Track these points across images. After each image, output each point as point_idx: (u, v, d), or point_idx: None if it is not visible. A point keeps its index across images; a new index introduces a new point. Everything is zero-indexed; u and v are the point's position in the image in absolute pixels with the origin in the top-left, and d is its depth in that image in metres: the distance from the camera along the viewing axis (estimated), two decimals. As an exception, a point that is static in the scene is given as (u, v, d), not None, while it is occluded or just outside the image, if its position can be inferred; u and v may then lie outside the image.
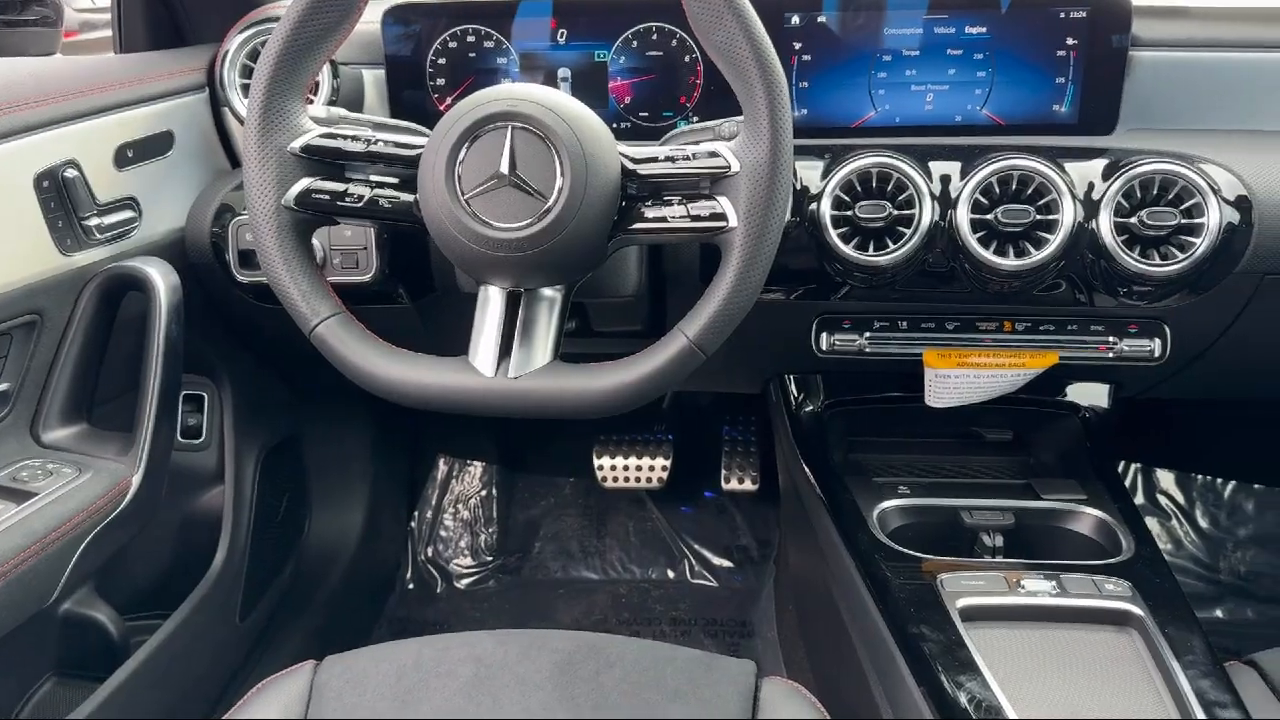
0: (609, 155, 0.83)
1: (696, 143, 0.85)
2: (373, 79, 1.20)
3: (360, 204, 0.86)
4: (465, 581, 1.92)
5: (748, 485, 1.87)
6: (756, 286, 0.83)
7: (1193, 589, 1.82)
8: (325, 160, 0.86)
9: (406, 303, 1.17)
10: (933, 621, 0.93)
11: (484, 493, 2.00)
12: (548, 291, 0.87)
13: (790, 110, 0.80)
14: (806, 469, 1.26)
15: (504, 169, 0.81)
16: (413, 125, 0.93)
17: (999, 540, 1.10)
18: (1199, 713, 0.82)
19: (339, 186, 0.86)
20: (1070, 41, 1.06)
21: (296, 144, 0.85)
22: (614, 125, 1.14)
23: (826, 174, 1.05)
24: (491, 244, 0.82)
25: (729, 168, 0.82)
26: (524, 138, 0.81)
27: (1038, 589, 0.96)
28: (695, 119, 1.12)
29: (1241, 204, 1.01)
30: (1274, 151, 1.05)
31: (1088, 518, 1.13)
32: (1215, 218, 0.99)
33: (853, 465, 1.28)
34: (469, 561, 1.94)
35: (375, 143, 0.87)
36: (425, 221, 0.85)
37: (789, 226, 1.05)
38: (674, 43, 1.11)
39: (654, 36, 1.11)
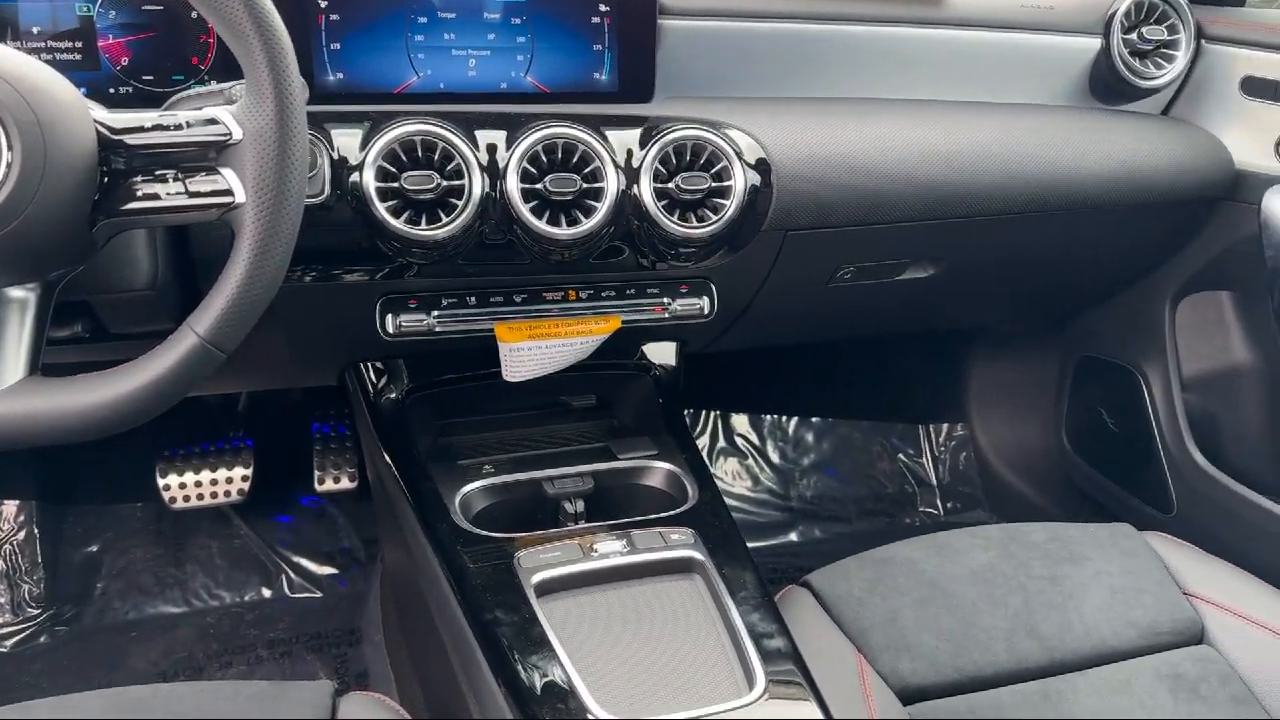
0: (77, 123, 0.70)
1: (199, 108, 0.74)
2: None
3: None
4: (9, 643, 1.60)
5: (345, 483, 1.76)
6: (277, 269, 0.74)
7: (770, 518, 2.01)
8: None
9: None
10: (509, 604, 0.91)
11: (21, 535, 1.67)
12: (15, 292, 0.72)
13: (295, 66, 0.72)
14: (388, 460, 1.19)
15: None
16: None
17: (580, 506, 1.11)
18: (749, 645, 0.88)
19: None
20: (603, 8, 1.07)
21: None
22: (110, 91, 0.97)
23: (366, 143, 0.97)
24: None
25: (230, 135, 0.72)
26: None
27: (609, 550, 0.97)
28: (212, 82, 0.98)
29: (762, 167, 1.09)
30: (788, 117, 1.14)
31: (659, 471, 1.18)
32: (741, 181, 1.05)
33: (441, 450, 1.23)
34: (10, 619, 1.62)
35: None
36: None
37: (330, 200, 0.96)
38: (176, -6, 0.97)
39: (149, -13, 0.96)
